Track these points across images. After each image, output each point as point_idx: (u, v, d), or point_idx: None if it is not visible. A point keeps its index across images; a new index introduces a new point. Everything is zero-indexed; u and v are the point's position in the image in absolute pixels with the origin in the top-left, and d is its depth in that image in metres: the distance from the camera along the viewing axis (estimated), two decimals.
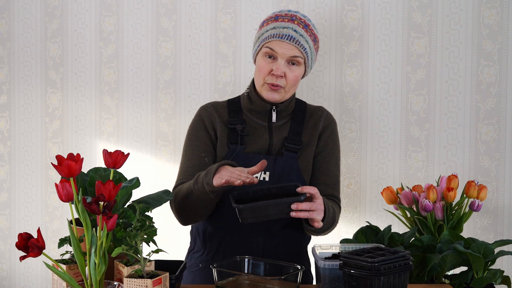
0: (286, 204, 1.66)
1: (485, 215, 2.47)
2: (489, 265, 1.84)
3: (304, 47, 1.91)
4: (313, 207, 1.69)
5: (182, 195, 1.85)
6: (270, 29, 1.92)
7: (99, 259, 1.44)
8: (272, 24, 1.93)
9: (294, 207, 1.66)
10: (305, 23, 1.94)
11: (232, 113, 2.00)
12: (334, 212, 1.86)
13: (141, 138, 2.53)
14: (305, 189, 1.69)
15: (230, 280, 1.63)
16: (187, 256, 2.06)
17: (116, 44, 2.52)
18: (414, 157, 2.47)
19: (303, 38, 1.91)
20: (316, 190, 1.72)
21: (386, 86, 2.46)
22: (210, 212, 1.90)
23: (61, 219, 2.57)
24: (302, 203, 1.67)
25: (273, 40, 1.90)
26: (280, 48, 1.90)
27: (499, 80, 2.44)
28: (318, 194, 1.72)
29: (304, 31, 1.91)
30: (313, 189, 1.71)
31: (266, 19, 1.98)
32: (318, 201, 1.71)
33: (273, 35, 1.90)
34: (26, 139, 2.58)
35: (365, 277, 1.49)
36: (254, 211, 1.65)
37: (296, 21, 1.92)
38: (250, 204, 1.66)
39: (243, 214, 1.66)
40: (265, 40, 1.92)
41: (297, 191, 1.69)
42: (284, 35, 1.89)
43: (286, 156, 1.94)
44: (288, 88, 1.94)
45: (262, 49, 1.93)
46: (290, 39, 1.89)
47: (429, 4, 2.43)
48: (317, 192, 1.72)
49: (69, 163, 1.43)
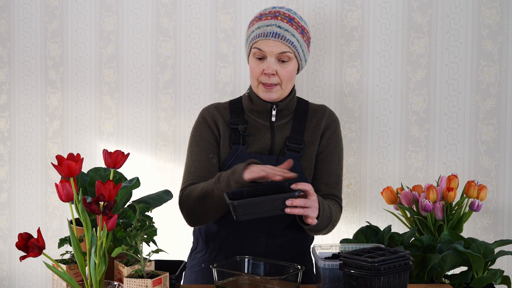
0: (281, 200, 1.66)
1: (485, 215, 2.47)
2: (489, 265, 1.84)
3: (291, 41, 1.90)
4: (307, 204, 1.68)
5: (198, 196, 1.83)
6: (255, 29, 1.93)
7: (99, 259, 1.44)
8: (257, 23, 1.93)
9: (288, 203, 1.65)
10: (289, 17, 1.93)
11: (234, 114, 2.00)
12: (330, 210, 1.84)
13: (141, 138, 2.53)
14: (299, 185, 1.68)
15: (230, 280, 1.63)
16: (190, 256, 2.06)
17: (116, 44, 2.52)
18: (414, 157, 2.47)
19: (288, 32, 1.90)
20: (310, 186, 1.71)
21: (386, 86, 2.46)
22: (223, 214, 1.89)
23: (61, 219, 2.57)
24: (296, 199, 1.66)
25: (259, 39, 1.90)
26: (266, 46, 1.89)
27: (499, 80, 2.44)
28: (312, 191, 1.71)
29: (288, 25, 1.91)
30: (307, 186, 1.70)
31: (252, 20, 1.98)
32: (312, 198, 1.70)
33: (259, 34, 1.91)
34: (26, 139, 2.58)
35: (365, 277, 1.49)
36: (249, 208, 1.64)
37: (280, 17, 1.91)
38: (245, 200, 1.65)
39: (237, 210, 1.65)
40: (252, 41, 1.93)
41: (292, 187, 1.69)
42: (268, 32, 1.89)
43: (288, 156, 1.93)
44: (284, 85, 1.93)
45: (252, 50, 1.94)
46: (275, 36, 1.89)
47: (429, 4, 2.43)
48: (311, 189, 1.70)
49: (69, 163, 1.43)
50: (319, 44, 2.46)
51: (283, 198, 1.66)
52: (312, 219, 1.72)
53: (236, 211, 1.65)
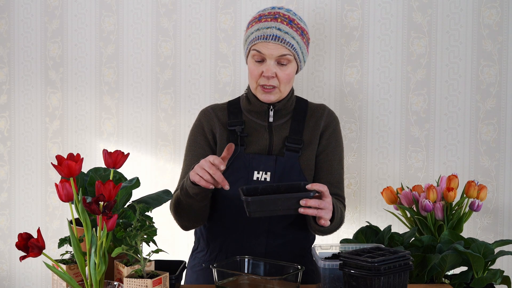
0: (296, 200, 1.65)
1: (485, 215, 2.47)
2: (489, 265, 1.84)
3: (291, 44, 1.88)
4: (321, 205, 1.67)
5: (175, 204, 1.87)
6: (254, 31, 1.90)
7: (99, 259, 1.44)
8: (256, 25, 1.91)
9: (303, 203, 1.64)
10: (289, 18, 1.90)
11: (231, 115, 2.00)
12: (342, 212, 1.86)
13: (141, 138, 2.53)
14: (314, 186, 1.67)
15: (230, 280, 1.63)
16: (191, 256, 2.06)
17: (116, 44, 2.52)
18: (414, 157, 2.47)
19: (288, 35, 1.88)
20: (326, 188, 1.70)
21: (386, 86, 2.46)
22: (207, 216, 1.91)
23: (61, 219, 2.57)
24: (311, 200, 1.65)
25: (259, 42, 1.88)
26: (266, 49, 1.88)
27: (499, 80, 2.44)
28: (327, 192, 1.70)
29: (289, 28, 1.88)
30: (323, 187, 1.69)
31: (251, 20, 1.96)
32: (327, 200, 1.70)
33: (258, 37, 1.88)
34: (26, 139, 2.58)
35: (365, 277, 1.49)
36: (263, 205, 1.64)
37: (280, 19, 1.89)
38: (259, 197, 1.65)
39: (251, 207, 1.64)
40: (251, 43, 1.91)
41: (307, 187, 1.68)
42: (268, 35, 1.87)
43: (287, 156, 1.93)
44: (282, 87, 1.92)
45: (250, 52, 1.92)
46: (275, 39, 1.87)
47: (429, 4, 2.43)
48: (326, 190, 1.70)
49: (69, 163, 1.43)
50: (319, 44, 2.46)
51: (298, 197, 1.65)
52: (325, 221, 1.71)
53: (249, 207, 1.64)
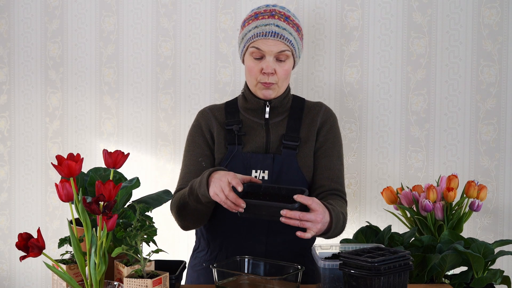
0: (277, 209, 1.66)
1: (485, 215, 2.47)
2: (489, 265, 1.84)
3: (289, 40, 1.92)
4: (305, 218, 1.65)
5: (180, 204, 1.87)
6: (252, 29, 1.93)
7: (99, 259, 1.44)
8: (254, 23, 1.94)
9: (283, 213, 1.65)
10: (285, 15, 1.95)
11: (229, 115, 2.01)
12: (343, 219, 1.83)
13: (141, 138, 2.53)
14: (299, 198, 1.66)
15: (230, 280, 1.63)
16: (192, 255, 2.07)
17: (116, 44, 2.52)
18: (414, 157, 2.47)
19: (286, 31, 1.92)
20: (315, 201, 1.68)
21: (386, 86, 2.46)
22: (208, 217, 1.92)
23: (61, 219, 2.57)
24: (292, 211, 1.64)
25: (258, 39, 1.91)
26: (265, 45, 1.91)
27: (499, 80, 2.44)
28: (317, 205, 1.68)
29: (286, 24, 1.93)
30: (309, 200, 1.67)
31: (246, 18, 1.99)
32: (316, 213, 1.67)
33: (257, 34, 1.91)
34: (26, 139, 2.58)
35: (365, 277, 1.49)
36: (249, 208, 1.68)
37: (277, 16, 1.93)
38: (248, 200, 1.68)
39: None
40: (249, 40, 1.93)
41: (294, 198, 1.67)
42: (267, 32, 1.90)
43: (284, 153, 1.94)
44: (280, 83, 1.95)
45: (248, 50, 1.94)
46: (274, 35, 1.90)
47: (429, 4, 2.43)
48: (315, 203, 1.68)
49: (69, 163, 1.43)
50: (319, 44, 2.46)
51: (280, 207, 1.66)
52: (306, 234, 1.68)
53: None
